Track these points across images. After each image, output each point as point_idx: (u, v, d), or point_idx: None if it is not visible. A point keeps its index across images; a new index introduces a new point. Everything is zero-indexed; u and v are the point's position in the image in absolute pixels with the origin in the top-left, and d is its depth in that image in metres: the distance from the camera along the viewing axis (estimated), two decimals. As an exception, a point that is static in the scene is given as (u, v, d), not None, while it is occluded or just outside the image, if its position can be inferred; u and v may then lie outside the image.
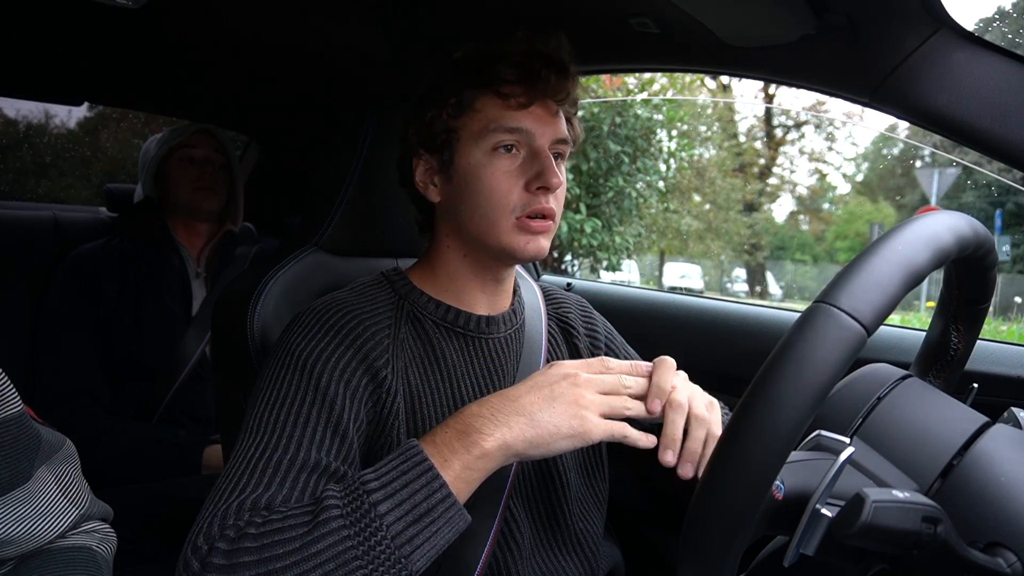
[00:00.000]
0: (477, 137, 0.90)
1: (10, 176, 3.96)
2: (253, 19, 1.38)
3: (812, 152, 19.12)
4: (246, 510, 0.72)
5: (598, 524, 1.02)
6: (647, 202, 7.67)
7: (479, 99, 0.90)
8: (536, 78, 0.89)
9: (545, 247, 0.92)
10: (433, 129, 0.93)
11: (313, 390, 0.81)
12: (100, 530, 0.84)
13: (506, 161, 0.89)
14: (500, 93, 0.89)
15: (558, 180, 0.89)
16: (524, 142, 0.90)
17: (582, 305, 1.14)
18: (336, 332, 0.86)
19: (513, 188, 0.89)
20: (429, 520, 0.70)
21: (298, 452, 0.77)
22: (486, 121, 0.89)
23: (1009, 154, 0.86)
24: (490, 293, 0.97)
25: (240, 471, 0.76)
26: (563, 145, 0.93)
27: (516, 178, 0.89)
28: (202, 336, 1.74)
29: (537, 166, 0.89)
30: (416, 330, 0.93)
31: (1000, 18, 2.32)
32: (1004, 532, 0.53)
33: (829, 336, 0.48)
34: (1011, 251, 9.61)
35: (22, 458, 0.72)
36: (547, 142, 0.90)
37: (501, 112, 0.89)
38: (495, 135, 0.89)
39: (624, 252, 7.36)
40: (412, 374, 0.90)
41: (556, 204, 0.91)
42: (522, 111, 0.89)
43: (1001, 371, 1.19)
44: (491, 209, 0.89)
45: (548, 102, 0.90)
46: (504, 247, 0.90)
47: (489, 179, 0.89)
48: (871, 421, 0.63)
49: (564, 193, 0.94)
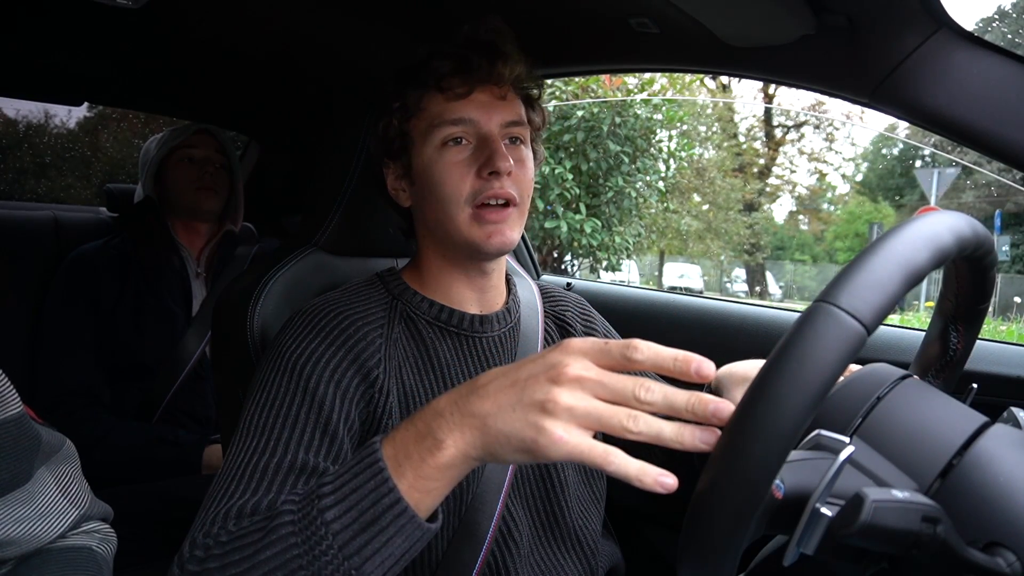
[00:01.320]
0: (426, 135, 0.90)
1: (10, 176, 3.96)
2: (253, 19, 1.37)
3: (812, 152, 19.12)
4: (232, 517, 0.71)
5: (597, 522, 1.02)
6: (647, 202, 7.67)
7: (422, 98, 0.91)
8: (470, 66, 0.89)
9: (510, 238, 0.90)
10: (388, 135, 0.94)
11: (302, 392, 0.81)
12: (100, 530, 0.84)
13: (455, 152, 0.90)
14: (439, 88, 0.89)
15: (507, 163, 0.88)
16: (471, 131, 0.90)
17: (581, 304, 1.14)
18: (327, 333, 0.86)
19: (465, 177, 0.89)
20: (378, 529, 0.62)
21: (285, 455, 0.76)
22: (431, 118, 0.90)
23: (1009, 154, 0.86)
24: (479, 290, 0.97)
25: (230, 477, 0.76)
26: (517, 127, 0.92)
27: (467, 167, 0.89)
28: (202, 336, 1.74)
29: (487, 151, 0.88)
30: (410, 329, 0.93)
31: (1000, 18, 2.31)
32: (1004, 532, 0.54)
33: (829, 335, 0.48)
34: (1010, 251, 9.61)
35: (22, 459, 0.72)
36: (496, 127, 0.90)
37: (443, 106, 0.90)
38: (440, 129, 0.89)
39: (624, 252, 7.36)
40: (406, 373, 0.90)
41: (516, 188, 0.90)
42: (462, 101, 0.89)
43: (1001, 371, 1.19)
44: (446, 202, 0.90)
45: (490, 87, 0.90)
46: (466, 241, 0.90)
47: (441, 173, 0.90)
48: (871, 421, 0.63)
49: (527, 178, 0.93)
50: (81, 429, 1.55)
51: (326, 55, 1.53)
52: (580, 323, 1.10)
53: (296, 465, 0.76)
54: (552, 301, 1.11)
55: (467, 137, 0.90)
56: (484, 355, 0.96)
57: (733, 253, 16.02)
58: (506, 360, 0.97)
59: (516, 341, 1.00)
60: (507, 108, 0.91)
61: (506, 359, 0.98)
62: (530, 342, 1.01)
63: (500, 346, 0.98)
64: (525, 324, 1.02)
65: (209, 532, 0.70)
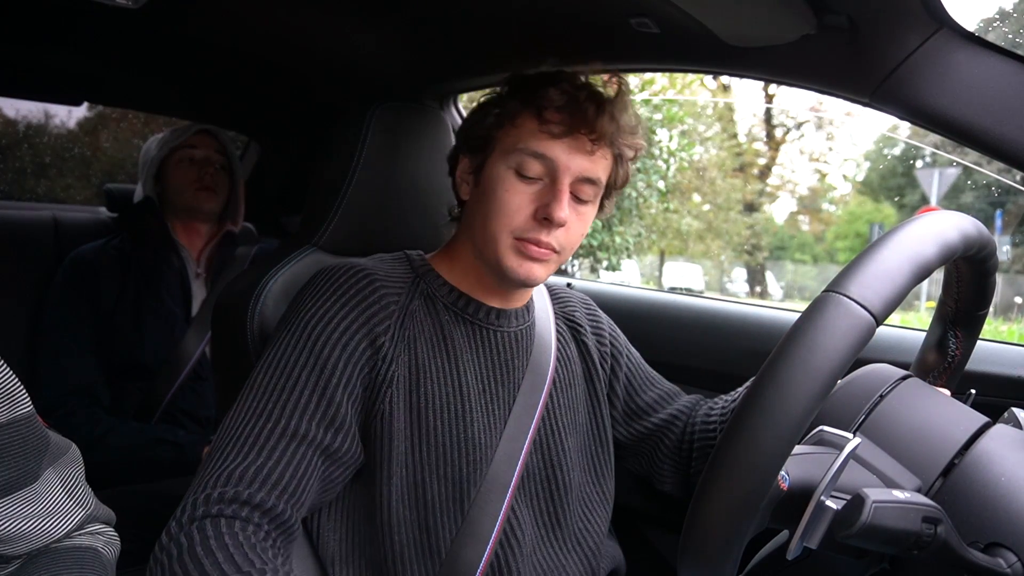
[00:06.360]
0: (508, 151, 0.90)
1: (10, 176, 3.95)
2: (253, 19, 1.37)
3: (812, 152, 19.12)
4: (233, 483, 0.77)
5: (602, 522, 1.02)
6: (647, 202, 7.66)
7: (520, 115, 0.91)
8: (577, 108, 0.88)
9: (539, 274, 0.91)
10: (476, 131, 0.94)
11: (308, 353, 0.85)
12: (104, 533, 0.84)
13: (523, 184, 0.90)
14: (540, 115, 0.89)
15: (563, 216, 0.88)
16: (546, 171, 0.89)
17: (586, 303, 1.14)
18: (343, 292, 0.89)
19: (521, 211, 0.89)
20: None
21: (280, 420, 0.82)
22: (519, 138, 0.90)
23: (1009, 154, 0.86)
24: (505, 290, 0.98)
25: (229, 439, 0.81)
26: (590, 186, 0.92)
27: (528, 203, 0.89)
28: (202, 336, 1.74)
29: (548, 197, 0.89)
30: (428, 307, 0.94)
31: (1001, 18, 2.31)
32: (1004, 532, 0.54)
33: (839, 323, 0.48)
34: (1010, 251, 9.61)
35: (30, 458, 0.72)
36: (571, 176, 0.89)
37: (534, 135, 0.89)
38: (521, 155, 0.89)
39: (624, 252, 7.36)
40: (420, 347, 0.91)
41: (559, 241, 0.90)
42: (554, 140, 0.88)
43: (1001, 371, 1.19)
44: (496, 224, 0.90)
45: (582, 138, 0.89)
46: (499, 263, 0.91)
47: (503, 195, 0.90)
48: (873, 418, 0.63)
49: (578, 233, 0.93)
50: (81, 429, 1.55)
51: (326, 55, 1.53)
52: (588, 323, 1.11)
53: (289, 431, 0.81)
54: (560, 302, 1.11)
55: (540, 174, 0.90)
56: (498, 349, 0.96)
57: (733, 253, 16.01)
58: (520, 357, 0.98)
59: (531, 340, 1.00)
60: (591, 163, 0.90)
61: (520, 356, 0.98)
62: (544, 343, 1.01)
63: (515, 343, 0.98)
64: (540, 324, 1.03)
65: (210, 497, 0.76)
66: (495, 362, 0.95)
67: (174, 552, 0.72)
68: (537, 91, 0.90)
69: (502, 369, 0.95)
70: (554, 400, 1.00)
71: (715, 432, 1.05)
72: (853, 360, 0.48)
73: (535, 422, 0.95)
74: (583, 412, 1.04)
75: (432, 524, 0.87)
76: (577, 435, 1.02)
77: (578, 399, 1.04)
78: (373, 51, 1.45)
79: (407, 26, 1.33)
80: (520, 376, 0.96)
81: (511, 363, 0.96)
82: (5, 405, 0.69)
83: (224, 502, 0.76)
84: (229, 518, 0.75)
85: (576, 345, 1.07)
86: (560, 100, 0.88)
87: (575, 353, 1.06)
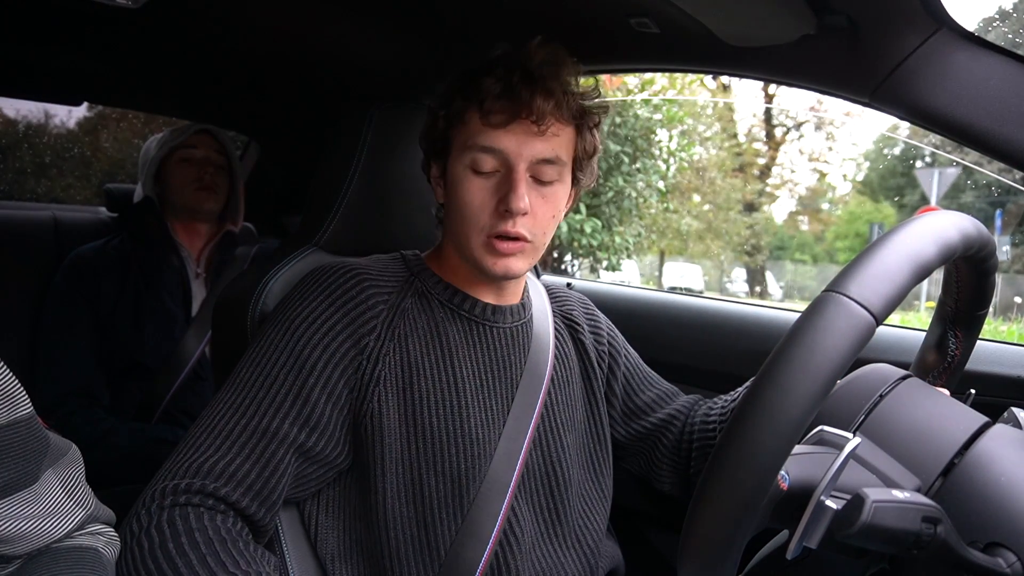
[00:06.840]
0: (462, 150, 0.90)
1: (10, 176, 3.96)
2: (253, 19, 1.37)
3: (812, 152, 19.12)
4: (201, 476, 0.78)
5: (600, 521, 1.02)
6: (647, 202, 7.67)
7: (466, 111, 0.90)
8: (513, 94, 0.86)
9: (516, 267, 0.90)
10: (432, 136, 0.94)
11: (288, 352, 0.86)
12: (105, 533, 0.84)
13: (480, 180, 0.89)
14: (481, 108, 0.88)
15: (522, 204, 0.86)
16: (500, 162, 0.88)
17: (585, 303, 1.15)
18: (330, 292, 0.89)
19: (484, 208, 0.89)
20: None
21: (254, 417, 0.83)
22: (468, 135, 0.89)
23: (1009, 154, 0.86)
24: (496, 287, 0.98)
25: (203, 430, 0.83)
26: (548, 166, 0.89)
27: (489, 197, 0.89)
28: (202, 336, 1.73)
29: (505, 188, 0.87)
30: (422, 304, 0.94)
31: (1000, 18, 2.31)
32: (1004, 532, 0.54)
33: (839, 323, 0.48)
34: (1010, 251, 9.60)
35: (30, 460, 0.72)
36: (524, 163, 0.88)
37: (480, 128, 0.88)
38: (472, 152, 0.88)
39: (624, 252, 7.37)
40: (412, 344, 0.91)
41: (528, 229, 0.89)
42: (499, 130, 0.87)
43: (1001, 371, 1.19)
44: (465, 225, 0.90)
45: (526, 122, 0.87)
46: (476, 262, 0.91)
47: (465, 195, 0.89)
48: (873, 418, 0.63)
49: (547, 216, 0.91)
50: (81, 430, 1.55)
51: (326, 55, 1.53)
52: (586, 322, 1.11)
53: (261, 428, 0.82)
54: (558, 301, 1.11)
55: (496, 167, 0.88)
56: (495, 345, 0.96)
57: (733, 253, 16.01)
58: (518, 353, 0.98)
59: (529, 337, 1.00)
60: (544, 143, 0.88)
61: (518, 353, 0.98)
62: (542, 340, 1.01)
63: (512, 339, 0.98)
64: (538, 321, 1.03)
65: (178, 487, 0.78)
66: (491, 358, 0.95)
67: (145, 544, 0.75)
68: (474, 84, 0.88)
69: (499, 365, 0.95)
70: (552, 398, 1.00)
71: (714, 432, 1.05)
72: (853, 360, 0.48)
73: (534, 420, 0.95)
74: (581, 410, 1.04)
75: (431, 521, 0.87)
76: (575, 433, 1.02)
77: (576, 397, 1.04)
78: (373, 51, 1.45)
79: (407, 26, 1.33)
80: (518, 373, 0.96)
81: (508, 360, 0.96)
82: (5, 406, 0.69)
83: (191, 493, 0.78)
84: (196, 506, 0.78)
85: (574, 344, 1.07)
86: (496, 88, 0.87)
87: (573, 351, 1.06)
